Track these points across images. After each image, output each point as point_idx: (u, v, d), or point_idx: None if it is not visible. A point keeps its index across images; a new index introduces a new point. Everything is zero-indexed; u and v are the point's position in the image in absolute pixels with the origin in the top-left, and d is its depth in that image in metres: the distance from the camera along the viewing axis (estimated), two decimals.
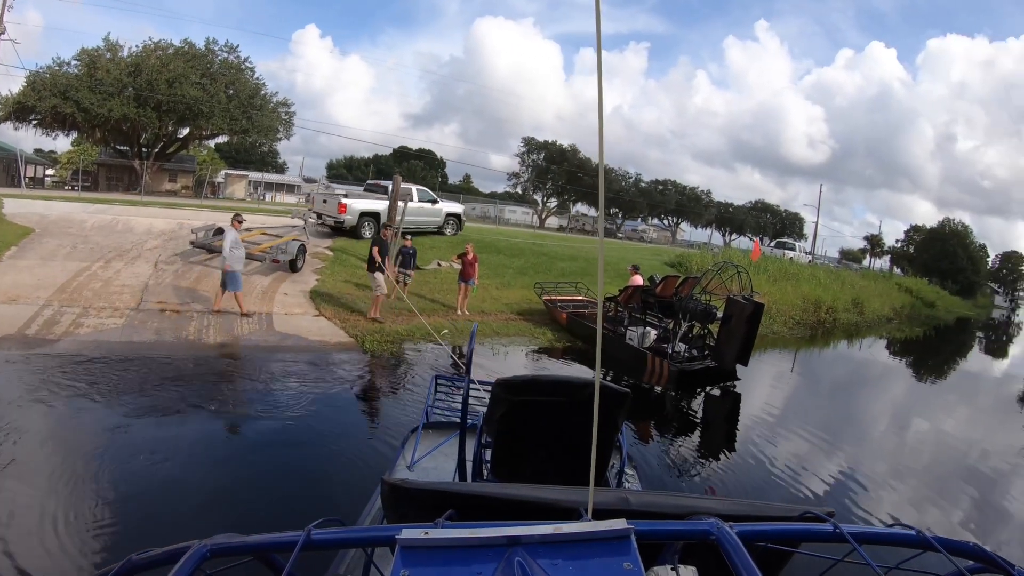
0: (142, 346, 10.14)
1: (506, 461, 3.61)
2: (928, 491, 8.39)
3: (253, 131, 40.20)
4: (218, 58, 38.86)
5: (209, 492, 5.73)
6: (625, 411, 3.46)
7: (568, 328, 15.06)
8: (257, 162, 67.04)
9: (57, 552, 4.54)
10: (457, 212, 26.61)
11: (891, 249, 76.56)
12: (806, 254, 46.90)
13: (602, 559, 1.14)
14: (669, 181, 72.86)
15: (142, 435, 6.82)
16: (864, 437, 11.01)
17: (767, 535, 1.39)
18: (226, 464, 6.39)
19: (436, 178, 75.94)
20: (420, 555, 1.15)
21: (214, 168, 54.62)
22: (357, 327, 12.41)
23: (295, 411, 8.05)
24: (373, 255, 13.05)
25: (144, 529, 4.88)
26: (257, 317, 12.29)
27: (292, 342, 11.23)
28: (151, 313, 11.78)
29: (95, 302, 11.97)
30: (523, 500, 1.75)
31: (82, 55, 34.77)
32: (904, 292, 37.98)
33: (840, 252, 75.87)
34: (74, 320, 10.92)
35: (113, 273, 13.81)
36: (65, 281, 12.83)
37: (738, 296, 11.96)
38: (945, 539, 1.29)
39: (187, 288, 13.48)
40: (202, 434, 7.10)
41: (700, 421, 10.68)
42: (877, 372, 18.68)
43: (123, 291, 12.75)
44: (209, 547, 1.24)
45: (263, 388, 8.89)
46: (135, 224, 18.65)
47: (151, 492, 5.57)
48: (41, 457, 6.11)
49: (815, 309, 24.44)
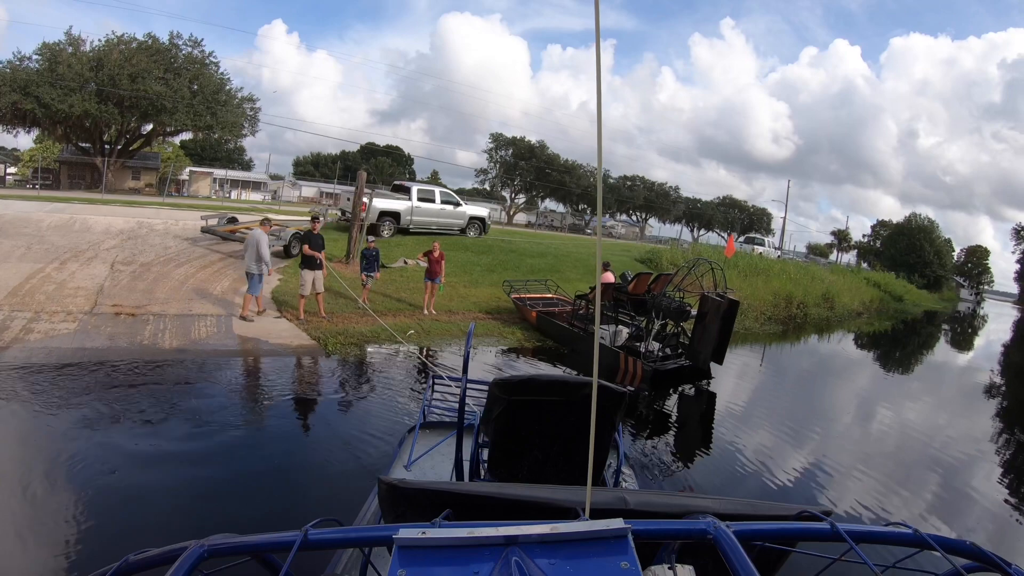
0: (94, 352, 9.80)
1: (503, 461, 3.62)
2: (914, 485, 8.46)
3: (217, 127, 39.53)
4: (182, 53, 38.18)
5: (124, 506, 5.46)
6: (623, 411, 3.49)
7: (538, 327, 14.93)
8: (223, 159, 66.18)
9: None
10: (482, 216, 26.63)
11: (858, 244, 77.84)
12: (775, 249, 47.32)
13: (599, 558, 1.15)
14: (637, 177, 73.41)
15: (76, 447, 6.55)
16: (841, 431, 11.09)
17: (764, 534, 1.39)
18: (154, 476, 6.11)
19: (404, 174, 75.46)
20: (417, 555, 1.16)
21: (178, 165, 53.67)
22: (320, 329, 12.17)
23: (242, 421, 7.81)
24: (303, 251, 12.63)
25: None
26: (216, 319, 12.00)
27: (251, 345, 10.96)
28: (105, 317, 11.44)
29: (48, 306, 11.60)
30: (520, 500, 1.75)
31: (43, 49, 33.92)
32: (873, 286, 38.54)
33: (808, 247, 76.93)
34: (24, 326, 10.56)
35: (68, 275, 13.42)
36: (17, 284, 12.43)
37: (712, 293, 11.89)
38: (942, 538, 1.30)
39: (144, 290, 13.13)
40: (139, 446, 6.77)
41: (676, 422, 10.60)
42: (850, 366, 18.86)
43: (77, 294, 12.39)
44: (206, 547, 1.24)
45: (213, 396, 8.58)
46: (93, 223, 18.19)
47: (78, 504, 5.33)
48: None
49: (786, 304, 24.67)
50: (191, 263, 15.68)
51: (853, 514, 6.98)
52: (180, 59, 37.95)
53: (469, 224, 25.92)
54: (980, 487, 8.63)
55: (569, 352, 13.48)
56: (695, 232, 77.55)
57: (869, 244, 75.82)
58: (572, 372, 12.14)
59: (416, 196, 24.11)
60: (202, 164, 59.13)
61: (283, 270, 16.23)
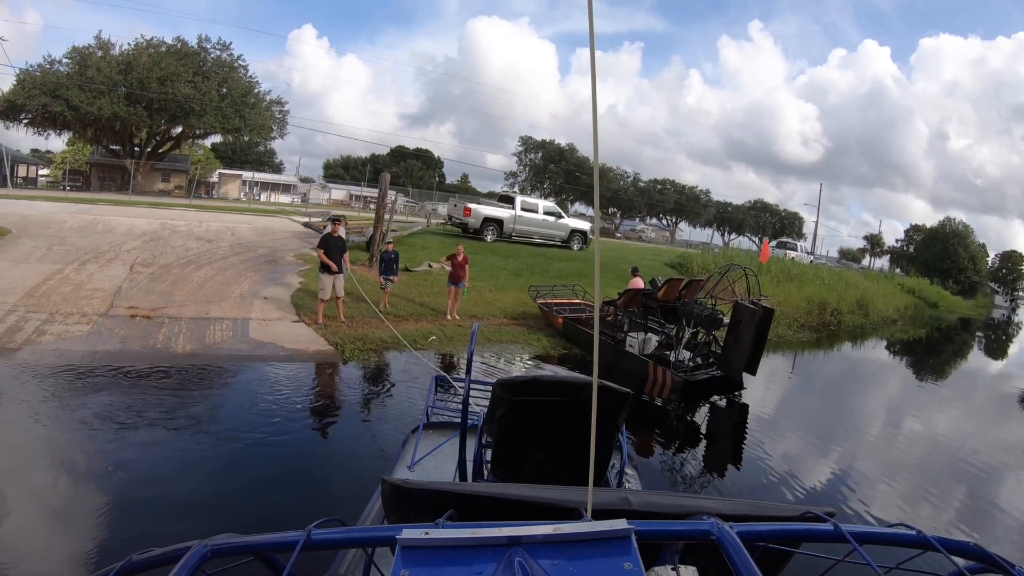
0: (105, 355, 9.51)
1: (506, 461, 3.60)
2: (968, 501, 7.96)
3: (246, 129, 39.74)
4: (211, 56, 38.42)
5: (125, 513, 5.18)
6: (625, 411, 3.43)
7: (564, 333, 14.37)
8: (254, 162, 66.64)
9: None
10: (583, 229, 27.46)
11: (891, 249, 76.01)
12: (807, 254, 46.25)
13: (602, 559, 1.13)
14: (668, 180, 72.38)
15: (69, 455, 6.28)
16: (880, 446, 10.37)
17: (767, 535, 1.38)
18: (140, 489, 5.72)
19: (433, 177, 75.45)
20: (420, 555, 1.14)
21: (208, 168, 54.09)
22: (338, 333, 11.76)
23: (240, 431, 7.35)
24: (319, 256, 12.28)
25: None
26: (232, 323, 11.66)
27: (267, 351, 10.58)
28: (120, 319, 11.16)
29: (63, 307, 11.37)
30: (523, 500, 1.73)
31: (73, 53, 34.33)
32: (907, 293, 37.32)
33: (840, 252, 75.27)
34: (38, 327, 10.32)
35: (86, 276, 13.21)
36: (35, 285, 12.24)
37: (746, 300, 11.31)
38: (945, 539, 1.29)
39: (161, 292, 12.84)
40: (127, 454, 6.42)
41: (705, 435, 10.03)
42: (890, 377, 18.03)
43: (94, 295, 12.15)
44: (210, 547, 1.23)
45: (216, 403, 8.24)
46: (116, 225, 18.07)
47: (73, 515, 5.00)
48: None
49: (820, 311, 23.79)
50: (211, 265, 15.41)
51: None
52: (209, 62, 38.21)
53: (571, 236, 26.79)
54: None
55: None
56: (726, 236, 76.34)
57: (902, 249, 73.92)
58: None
59: (520, 206, 25.65)
60: (232, 167, 59.61)
61: (304, 273, 15.89)
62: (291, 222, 25.42)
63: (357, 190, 56.32)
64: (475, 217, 24.38)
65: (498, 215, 24.89)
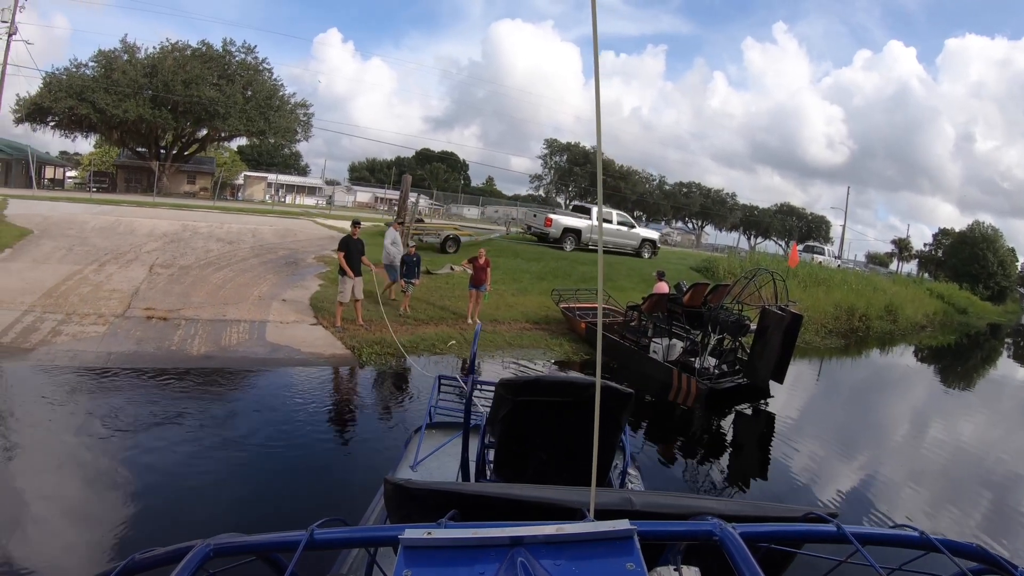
0: (119, 357, 9.35)
1: (509, 461, 3.58)
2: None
3: (270, 132, 39.91)
4: (235, 59, 38.60)
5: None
6: (628, 412, 3.44)
7: (587, 339, 13.98)
8: (280, 164, 67.05)
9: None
10: (653, 238, 28.43)
11: (919, 253, 74.43)
12: (835, 258, 45.37)
13: (605, 559, 1.13)
14: (693, 183, 71.49)
15: (60, 458, 6.13)
16: (912, 458, 9.85)
17: (770, 536, 1.39)
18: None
19: (459, 180, 75.37)
20: (423, 555, 1.14)
21: (234, 170, 54.47)
22: (356, 337, 11.50)
23: (246, 436, 7.11)
24: (339, 259, 12.05)
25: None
26: (249, 325, 11.46)
27: (282, 354, 10.35)
28: (136, 321, 11.01)
29: (80, 308, 11.26)
30: (526, 500, 1.71)
31: (99, 57, 34.71)
32: (936, 298, 36.32)
33: (867, 256, 73.78)
34: (53, 328, 10.22)
35: (105, 277, 13.12)
36: (53, 285, 12.17)
37: (773, 306, 10.89)
38: (948, 540, 1.30)
39: (179, 293, 12.70)
40: (123, 456, 6.26)
41: (729, 444, 9.63)
42: (922, 385, 17.40)
43: (112, 296, 12.03)
44: (212, 547, 1.22)
45: (224, 410, 7.96)
46: (138, 226, 18.06)
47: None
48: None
49: (848, 317, 23.14)
50: (231, 267, 15.28)
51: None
52: (233, 65, 38.43)
53: (642, 245, 27.38)
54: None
55: (619, 367, 12.52)
56: (752, 240, 75.27)
57: (931, 253, 72.33)
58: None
59: (595, 217, 25.70)
60: (258, 169, 59.94)
61: (324, 275, 15.69)
62: (314, 224, 25.38)
63: (382, 192, 56.39)
64: (556, 227, 25.06)
65: (577, 225, 25.48)
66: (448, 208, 59.13)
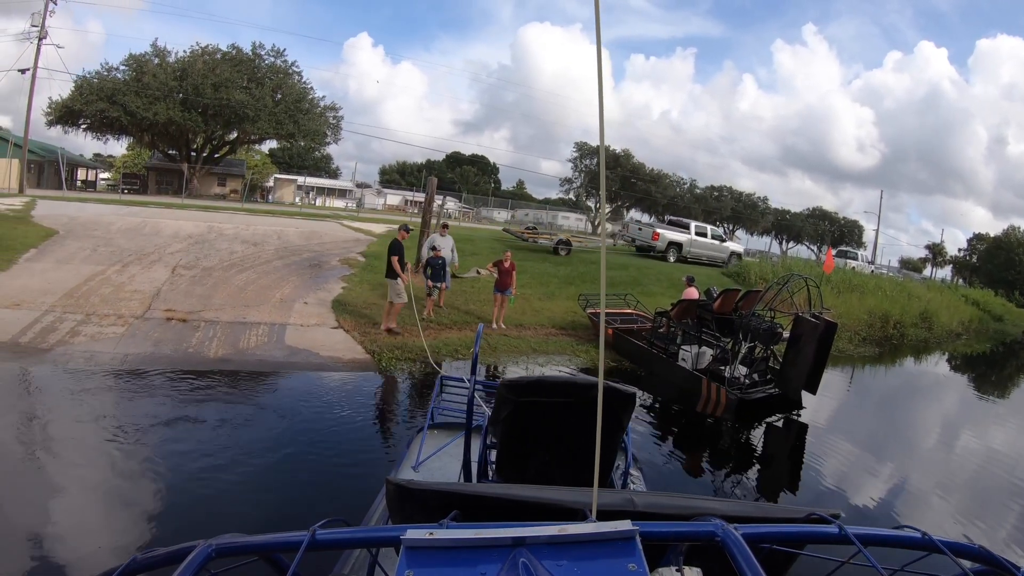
0: (136, 358, 9.18)
1: (511, 462, 3.57)
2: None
3: (300, 135, 40.08)
4: (265, 62, 38.81)
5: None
6: (631, 412, 3.43)
7: (614, 346, 13.51)
8: (311, 167, 67.56)
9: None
10: (739, 251, 31.09)
11: (953, 259, 72.61)
12: (868, 263, 44.28)
13: (607, 560, 1.13)
14: (724, 187, 70.34)
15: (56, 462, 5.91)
16: (951, 474, 9.19)
17: (772, 536, 1.37)
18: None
19: (489, 183, 75.20)
20: (425, 555, 1.14)
21: (264, 172, 54.89)
22: (377, 341, 11.20)
23: (246, 446, 6.75)
24: (392, 263, 11.73)
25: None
26: (269, 328, 11.22)
27: (300, 358, 10.08)
28: (155, 322, 10.84)
29: (100, 308, 11.14)
30: (528, 501, 1.66)
31: (130, 60, 35.15)
32: (971, 305, 35.12)
33: (900, 261, 72.00)
34: (72, 328, 10.11)
35: (127, 278, 13.02)
36: (75, 286, 12.10)
37: (807, 313, 10.38)
38: (951, 541, 1.29)
39: (201, 295, 12.53)
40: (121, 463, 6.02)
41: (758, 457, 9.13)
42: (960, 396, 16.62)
43: (132, 297, 11.91)
44: (214, 547, 1.22)
45: (232, 414, 7.65)
46: (163, 227, 18.04)
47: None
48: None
49: (882, 324, 22.35)
50: (254, 268, 15.12)
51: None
52: (263, 69, 38.65)
53: (730, 258, 29.50)
54: None
55: (646, 375, 12.07)
56: (783, 244, 73.89)
57: (965, 259, 70.50)
58: (650, 397, 10.84)
59: (694, 231, 28.87)
60: (290, 172, 60.41)
61: (348, 278, 15.46)
62: (340, 227, 25.23)
63: (411, 195, 56.44)
64: (662, 241, 27.38)
65: (679, 239, 27.86)
66: (478, 211, 58.95)
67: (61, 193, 27.51)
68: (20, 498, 5.25)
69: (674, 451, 8.58)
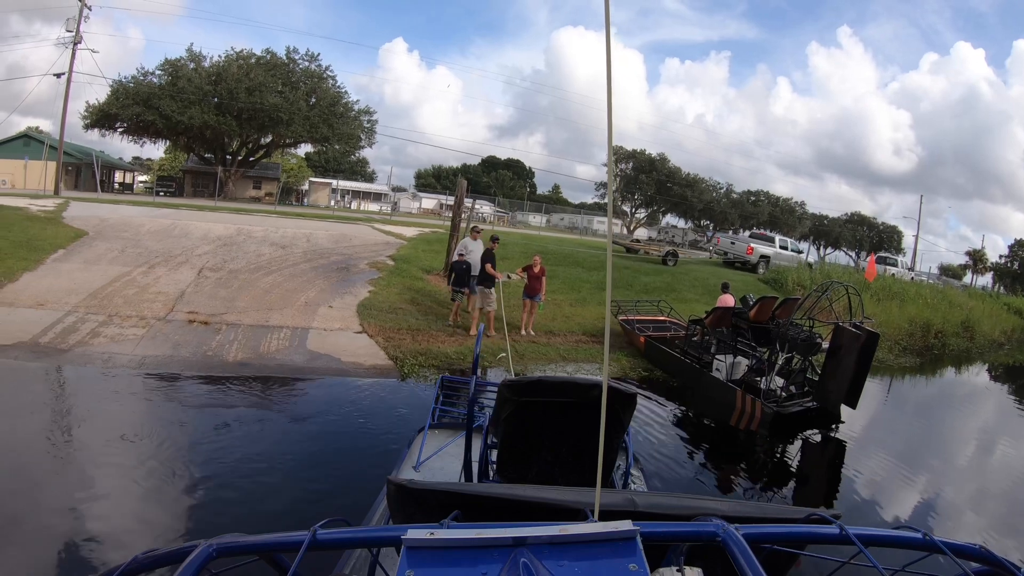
0: (152, 361, 8.99)
1: (512, 462, 3.56)
2: None
3: (334, 139, 40.25)
4: (299, 67, 39.05)
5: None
6: (631, 412, 3.43)
7: (646, 354, 13.00)
8: (347, 171, 68.06)
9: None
10: (812, 261, 34.13)
11: (995, 265, 70.27)
12: (908, 270, 42.96)
13: (608, 560, 1.13)
14: (761, 192, 69.17)
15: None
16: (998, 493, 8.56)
17: (773, 537, 1.36)
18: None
19: (524, 188, 74.96)
20: (426, 555, 1.14)
21: (299, 176, 55.31)
22: (401, 347, 10.85)
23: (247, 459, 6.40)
24: (487, 271, 12.19)
25: None
26: (291, 332, 10.97)
27: (321, 363, 9.78)
28: (177, 324, 10.66)
29: (123, 310, 11.03)
30: (529, 501, 1.68)
31: (166, 65, 35.62)
32: (1013, 313, 33.67)
33: (940, 268, 69.87)
34: (93, 329, 10.00)
35: (152, 279, 12.90)
36: (100, 287, 12.02)
37: (847, 323, 9.80)
38: (951, 542, 1.29)
39: (225, 297, 12.35)
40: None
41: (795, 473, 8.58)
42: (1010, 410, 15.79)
43: (156, 299, 11.77)
44: (215, 547, 1.21)
45: (238, 420, 7.35)
46: (192, 229, 17.98)
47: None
48: None
49: (923, 333, 21.39)
50: (281, 271, 14.92)
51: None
52: (297, 73, 38.89)
53: (806, 268, 31.35)
54: None
55: (679, 385, 11.55)
56: (821, 250, 72.26)
57: (1006, 266, 68.19)
58: (682, 409, 10.34)
59: (778, 244, 31.48)
60: (325, 176, 60.89)
61: (375, 282, 15.18)
62: (371, 230, 25.04)
63: (446, 199, 56.40)
64: (755, 254, 29.28)
65: (767, 252, 29.92)
66: (513, 215, 58.68)
67: (96, 195, 27.93)
68: (20, 498, 5.14)
69: (705, 463, 8.16)
